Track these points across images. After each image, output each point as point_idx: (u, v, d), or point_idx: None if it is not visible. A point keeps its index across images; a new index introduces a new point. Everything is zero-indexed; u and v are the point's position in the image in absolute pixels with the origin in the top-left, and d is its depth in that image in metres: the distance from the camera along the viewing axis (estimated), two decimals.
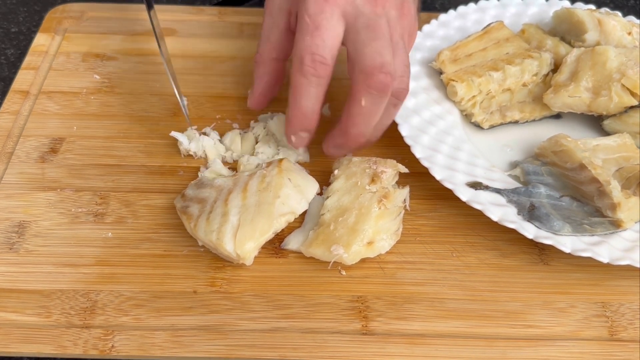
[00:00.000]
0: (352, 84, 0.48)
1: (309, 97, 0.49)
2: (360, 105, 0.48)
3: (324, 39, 0.47)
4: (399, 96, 0.51)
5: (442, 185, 0.51)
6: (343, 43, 0.49)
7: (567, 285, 0.49)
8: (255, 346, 0.45)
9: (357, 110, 0.49)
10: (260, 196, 0.49)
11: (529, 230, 0.49)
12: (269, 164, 0.52)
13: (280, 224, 0.48)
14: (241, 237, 0.46)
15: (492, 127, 0.60)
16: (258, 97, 0.57)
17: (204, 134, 0.58)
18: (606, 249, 0.48)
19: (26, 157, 0.56)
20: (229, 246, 0.46)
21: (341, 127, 0.51)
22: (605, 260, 0.47)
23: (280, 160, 0.52)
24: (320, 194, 0.54)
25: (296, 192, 0.50)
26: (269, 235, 0.48)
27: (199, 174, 0.55)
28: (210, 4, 0.81)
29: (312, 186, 0.51)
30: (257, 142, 0.58)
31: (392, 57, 0.48)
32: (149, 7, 0.60)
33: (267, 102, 0.58)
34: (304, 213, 0.52)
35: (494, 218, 0.49)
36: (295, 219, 0.50)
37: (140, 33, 0.70)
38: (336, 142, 0.53)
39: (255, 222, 0.47)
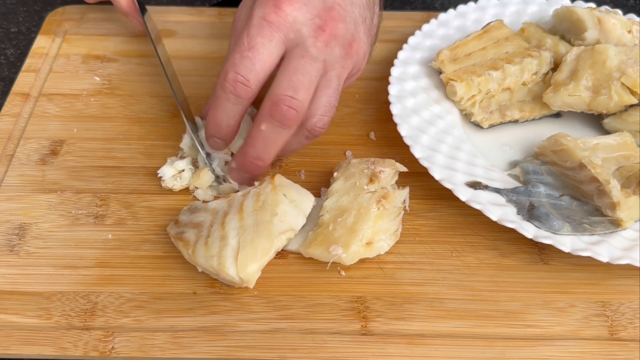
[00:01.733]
0: (261, 107, 0.48)
1: (224, 112, 0.49)
2: (260, 129, 0.48)
3: (254, 62, 0.46)
4: (314, 132, 0.50)
5: (442, 185, 0.51)
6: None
7: (567, 285, 0.49)
8: (255, 347, 0.45)
9: (257, 134, 0.49)
10: (257, 216, 0.48)
11: (529, 230, 0.49)
12: (262, 181, 0.51)
13: (281, 242, 0.47)
14: (243, 259, 0.45)
15: (491, 126, 0.59)
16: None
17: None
18: (606, 248, 0.48)
19: (27, 160, 0.57)
20: (231, 270, 0.45)
21: (243, 147, 0.51)
22: (605, 259, 0.47)
23: (273, 176, 0.51)
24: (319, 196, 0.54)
25: (293, 207, 0.49)
26: (271, 255, 0.47)
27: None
28: (210, 5, 0.81)
29: (308, 199, 0.50)
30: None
31: (306, 95, 0.47)
32: (142, 12, 0.60)
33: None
34: None
35: (494, 218, 0.49)
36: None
37: (140, 35, 0.70)
38: (237, 161, 0.52)
39: (256, 243, 0.46)
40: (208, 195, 0.54)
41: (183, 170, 0.54)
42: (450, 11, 0.68)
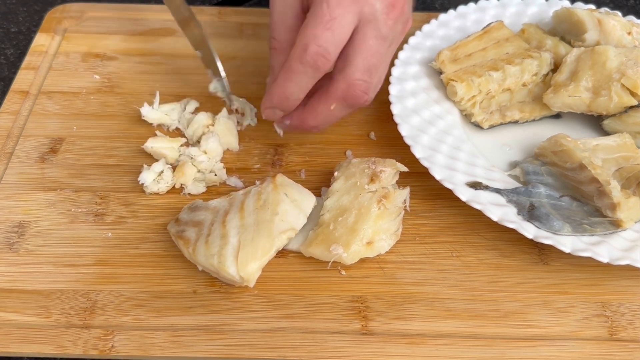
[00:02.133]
0: (333, 85, 0.49)
1: (298, 85, 0.48)
2: (329, 107, 0.49)
3: (335, 34, 0.46)
4: (358, 106, 0.50)
5: (442, 185, 0.51)
6: None
7: (566, 285, 0.49)
8: (255, 346, 0.45)
9: (323, 109, 0.50)
10: (258, 215, 0.48)
11: (529, 230, 0.49)
12: (263, 180, 0.51)
13: (281, 242, 0.47)
14: (243, 258, 0.45)
15: (491, 127, 0.60)
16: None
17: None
18: (606, 248, 0.48)
19: (26, 157, 0.56)
20: (231, 269, 0.45)
21: (302, 113, 0.51)
22: (605, 260, 0.47)
23: (274, 176, 0.51)
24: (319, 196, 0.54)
25: (294, 207, 0.49)
26: (271, 254, 0.47)
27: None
28: (210, 4, 0.81)
29: (309, 199, 0.50)
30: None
31: (377, 77, 0.49)
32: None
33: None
34: None
35: (494, 218, 0.49)
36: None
37: (140, 33, 0.70)
38: (292, 119, 0.52)
39: (256, 242, 0.46)
40: (200, 188, 0.54)
41: (162, 172, 0.54)
42: (451, 12, 0.68)
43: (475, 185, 0.52)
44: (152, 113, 0.59)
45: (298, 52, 0.47)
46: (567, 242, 0.48)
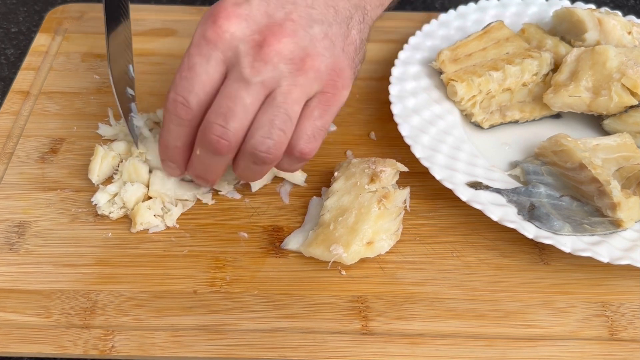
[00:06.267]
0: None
1: (170, 133, 0.47)
2: (196, 152, 0.47)
3: (193, 83, 0.45)
4: (255, 158, 0.46)
5: (442, 185, 0.51)
6: None
7: (567, 285, 0.49)
8: (256, 346, 0.45)
9: (194, 156, 0.48)
10: None
11: (529, 230, 0.49)
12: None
13: None
14: None
15: (492, 126, 0.59)
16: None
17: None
18: (606, 248, 0.48)
19: (26, 158, 0.56)
20: None
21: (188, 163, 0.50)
22: (605, 259, 0.47)
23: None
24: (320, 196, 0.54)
25: None
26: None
27: None
28: (210, 4, 0.81)
29: None
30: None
31: (238, 123, 0.44)
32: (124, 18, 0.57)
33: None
34: (304, 214, 0.53)
35: (494, 218, 0.49)
36: (295, 219, 0.50)
37: (139, 33, 0.70)
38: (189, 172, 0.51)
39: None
40: (161, 227, 0.52)
41: (117, 194, 0.52)
42: (451, 12, 0.68)
43: (476, 185, 0.52)
44: (109, 130, 0.58)
45: (166, 100, 0.46)
46: (568, 242, 0.48)
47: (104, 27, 0.55)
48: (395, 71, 0.61)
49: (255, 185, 0.54)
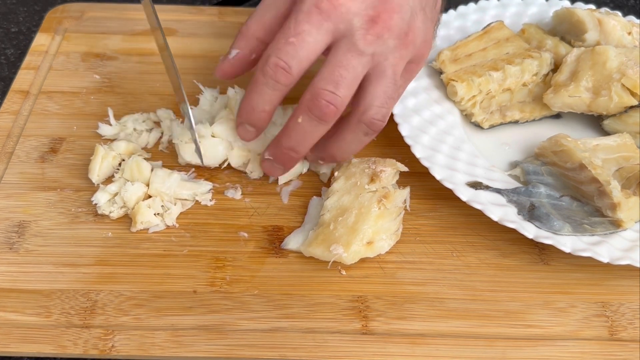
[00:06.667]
0: (301, 98, 0.47)
1: (261, 96, 0.47)
2: (297, 121, 0.47)
3: (298, 49, 0.45)
4: (373, 127, 0.48)
5: (442, 185, 0.51)
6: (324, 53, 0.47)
7: (567, 285, 0.49)
8: (256, 346, 0.45)
9: (294, 125, 0.48)
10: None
11: (529, 230, 0.49)
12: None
13: None
14: None
15: (492, 126, 0.60)
16: (228, 67, 0.52)
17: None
18: (606, 248, 0.48)
19: (26, 157, 0.56)
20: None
21: (277, 137, 0.50)
22: (605, 260, 0.47)
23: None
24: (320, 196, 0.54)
25: None
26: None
27: None
28: (210, 4, 0.81)
29: None
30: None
31: (348, 91, 0.46)
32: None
33: (235, 76, 0.53)
34: (304, 214, 0.53)
35: (494, 218, 0.49)
36: (295, 219, 0.50)
37: (140, 33, 0.70)
38: (270, 151, 0.51)
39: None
40: (161, 226, 0.52)
41: (117, 194, 0.52)
42: (451, 12, 0.68)
43: (476, 185, 0.52)
44: (110, 130, 0.58)
45: (261, 64, 0.46)
46: (568, 242, 0.48)
47: (161, 36, 0.57)
48: None
49: (284, 178, 0.55)
